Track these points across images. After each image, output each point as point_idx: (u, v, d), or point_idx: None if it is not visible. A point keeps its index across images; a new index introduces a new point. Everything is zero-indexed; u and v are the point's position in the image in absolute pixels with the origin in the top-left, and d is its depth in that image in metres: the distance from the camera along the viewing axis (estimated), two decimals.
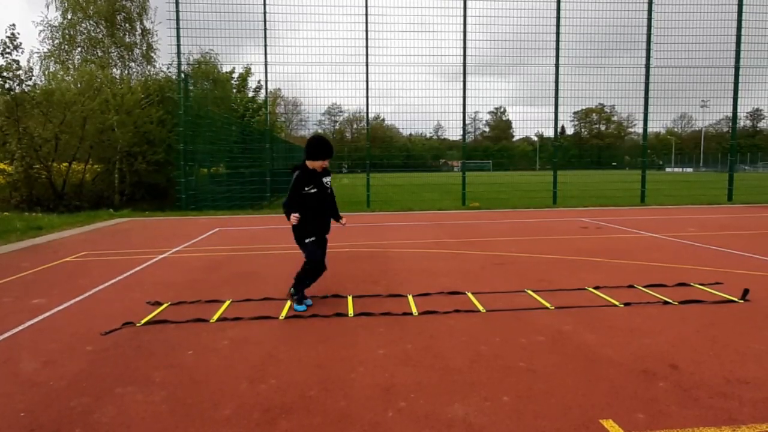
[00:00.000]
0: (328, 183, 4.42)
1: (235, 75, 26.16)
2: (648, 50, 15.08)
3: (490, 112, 64.38)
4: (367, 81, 14.77)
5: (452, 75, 16.01)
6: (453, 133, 16.46)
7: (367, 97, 14.81)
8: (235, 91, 27.06)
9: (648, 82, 15.20)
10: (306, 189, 4.26)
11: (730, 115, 15.84)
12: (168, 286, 5.21)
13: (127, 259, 6.67)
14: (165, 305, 4.45)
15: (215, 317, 4.09)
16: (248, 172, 17.34)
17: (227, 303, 4.50)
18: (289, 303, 4.49)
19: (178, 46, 13.86)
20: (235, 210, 13.90)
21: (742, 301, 4.39)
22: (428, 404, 2.65)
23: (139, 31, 21.68)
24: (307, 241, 4.34)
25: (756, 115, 59.67)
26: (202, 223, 10.76)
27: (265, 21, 14.20)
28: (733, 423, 2.41)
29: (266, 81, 14.54)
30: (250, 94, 27.57)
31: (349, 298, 4.63)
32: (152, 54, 21.89)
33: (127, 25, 21.46)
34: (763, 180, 27.30)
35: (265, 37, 14.18)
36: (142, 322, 3.99)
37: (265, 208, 14.59)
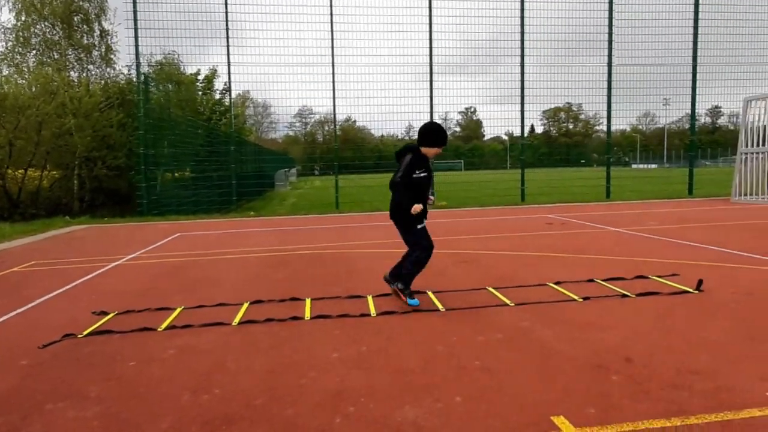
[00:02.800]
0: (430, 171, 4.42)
1: (201, 77, 25.63)
2: (610, 49, 15.37)
3: (460, 112, 64.90)
4: (333, 82, 14.66)
5: (421, 75, 16.02)
6: None
7: (334, 98, 14.70)
8: (200, 93, 26.52)
9: (610, 80, 15.50)
10: (417, 173, 4.24)
11: (690, 112, 16.27)
12: (118, 294, 4.99)
13: (77, 268, 6.38)
14: (111, 315, 4.24)
15: (163, 325, 3.91)
16: (216, 175, 16.98)
17: (178, 310, 4.32)
18: (244, 307, 4.35)
19: (137, 47, 13.48)
20: (200, 214, 13.57)
21: (696, 292, 4.44)
22: (378, 408, 2.56)
23: (98, 32, 21.00)
24: (419, 227, 4.35)
25: (715, 112, 61.75)
26: (163, 229, 10.44)
27: (227, 21, 13.93)
28: (682, 414, 2.39)
29: (230, 82, 14.28)
30: (217, 96, 27.05)
31: (307, 301, 4.51)
32: (112, 56, 21.22)
33: (84, 26, 20.75)
34: (722, 174, 28.17)
35: (227, 37, 13.92)
36: (85, 333, 3.78)
37: (231, 212, 14.29)
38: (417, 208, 4.12)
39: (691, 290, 4.48)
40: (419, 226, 4.36)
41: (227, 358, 3.28)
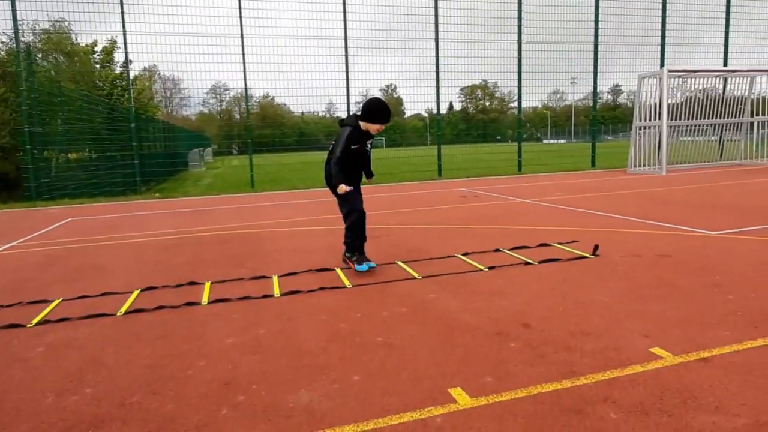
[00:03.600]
0: (370, 146, 4.55)
1: (98, 48, 23.47)
2: (519, 27, 15.77)
3: (381, 90, 64.72)
4: (243, 55, 13.90)
5: (337, 50, 15.62)
6: (345, 110, 16.10)
7: (245, 72, 13.96)
8: (98, 66, 24.33)
9: (520, 58, 15.94)
10: (353, 147, 4.31)
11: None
12: None
13: None
14: None
15: (35, 321, 3.47)
16: (119, 155, 15.67)
17: (55, 303, 3.86)
18: (134, 295, 3.97)
19: (14, 11, 11.95)
20: (98, 198, 12.49)
21: (593, 257, 4.64)
22: (270, 395, 2.39)
23: None
24: (348, 191, 4.40)
25: (616, 90, 66.25)
26: (52, 214, 9.47)
27: None
28: (572, 376, 2.43)
29: (126, 53, 13.09)
30: (118, 70, 24.90)
31: (207, 285, 4.21)
32: None
33: None
34: (621, 147, 30.35)
35: (122, 3, 12.69)
36: None
37: (136, 195, 13.29)
38: (343, 188, 4.21)
39: (588, 255, 4.68)
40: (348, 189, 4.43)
41: (105, 352, 2.95)
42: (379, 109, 4.30)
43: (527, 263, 4.51)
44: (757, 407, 2.09)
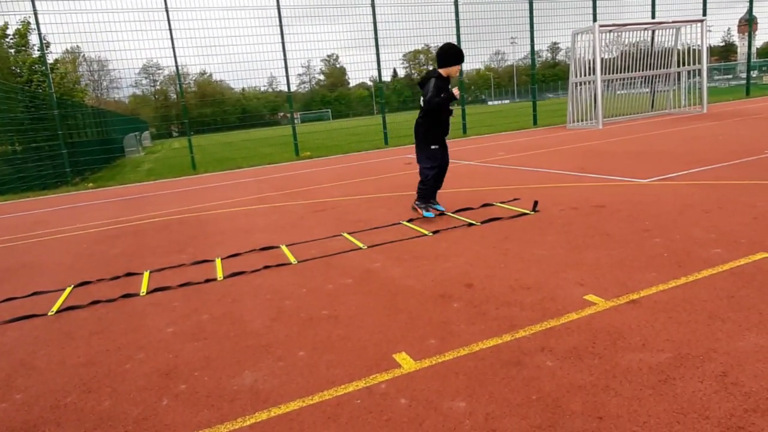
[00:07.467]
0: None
1: (10, 31, 21.67)
2: None
3: (323, 60, 63.38)
4: (170, 30, 13.16)
5: (271, 20, 15.05)
6: (285, 83, 15.61)
7: (173, 47, 13.25)
8: (13, 51, 22.51)
9: (458, 20, 15.89)
10: (443, 95, 4.63)
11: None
12: None
13: None
14: None
15: None
16: (46, 146, 14.68)
17: None
18: (66, 292, 3.78)
19: None
20: (26, 193, 11.74)
21: (533, 213, 4.77)
22: (213, 380, 2.34)
23: None
24: (433, 147, 4.84)
25: (554, 48, 67.52)
26: None
27: None
28: (512, 329, 2.51)
29: (39, 34, 12.14)
30: (36, 54, 23.12)
31: (145, 274, 4.05)
32: None
33: None
34: (562, 104, 31.16)
35: None
36: None
37: (68, 187, 12.56)
38: (455, 91, 4.61)
39: (528, 212, 4.80)
40: (433, 147, 4.83)
41: (36, 355, 2.80)
42: (451, 52, 4.64)
43: (470, 224, 4.58)
44: (678, 341, 2.22)
